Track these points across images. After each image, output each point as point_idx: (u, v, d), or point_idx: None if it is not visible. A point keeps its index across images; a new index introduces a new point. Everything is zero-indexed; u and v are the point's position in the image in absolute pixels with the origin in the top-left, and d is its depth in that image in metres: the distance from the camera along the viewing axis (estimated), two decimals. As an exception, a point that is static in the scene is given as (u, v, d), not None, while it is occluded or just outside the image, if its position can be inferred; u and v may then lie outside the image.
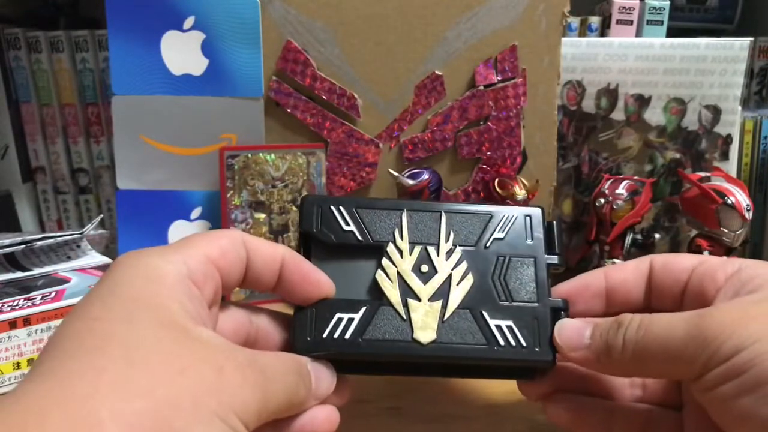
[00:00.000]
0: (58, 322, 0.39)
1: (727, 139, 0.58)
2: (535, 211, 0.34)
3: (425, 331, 0.30)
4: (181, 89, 0.50)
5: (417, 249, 0.32)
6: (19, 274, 0.44)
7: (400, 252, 0.32)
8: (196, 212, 0.52)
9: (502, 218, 0.33)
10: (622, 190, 0.53)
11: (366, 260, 0.32)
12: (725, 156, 0.59)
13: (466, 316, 0.31)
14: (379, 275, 0.31)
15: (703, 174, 0.53)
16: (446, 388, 0.38)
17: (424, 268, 0.31)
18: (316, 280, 0.30)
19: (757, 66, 0.71)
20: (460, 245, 0.32)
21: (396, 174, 0.49)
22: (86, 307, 0.23)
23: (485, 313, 0.31)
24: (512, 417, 0.36)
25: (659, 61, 0.57)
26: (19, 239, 0.44)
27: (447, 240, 0.32)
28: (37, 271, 0.45)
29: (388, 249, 0.32)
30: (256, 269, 0.29)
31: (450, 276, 0.31)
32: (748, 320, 0.24)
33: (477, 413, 0.36)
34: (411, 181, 0.48)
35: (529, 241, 0.33)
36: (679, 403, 0.31)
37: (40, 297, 0.40)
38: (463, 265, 0.32)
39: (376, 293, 0.31)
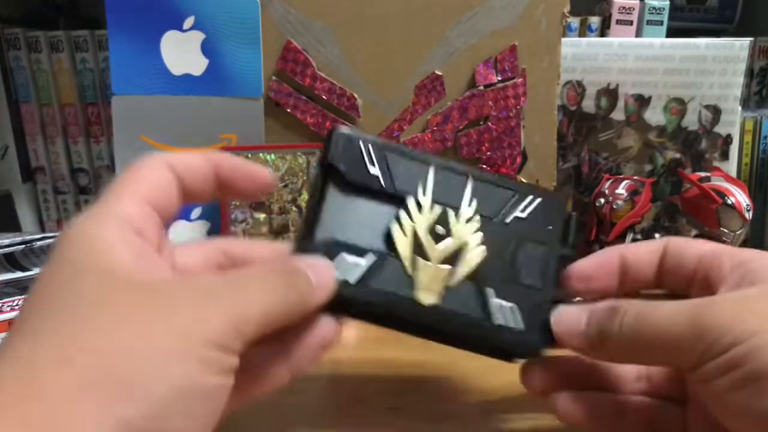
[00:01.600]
0: (58, 322, 0.38)
1: (727, 139, 0.58)
2: (560, 200, 0.33)
3: (428, 294, 0.29)
4: (181, 89, 0.50)
5: (438, 208, 0.31)
6: (19, 274, 0.44)
7: (420, 207, 0.31)
8: (196, 212, 0.52)
9: (527, 200, 0.32)
10: (622, 190, 0.53)
11: (384, 207, 0.31)
12: (725, 156, 0.59)
13: (470, 288, 0.30)
14: (394, 227, 0.30)
15: (703, 174, 0.53)
16: (446, 388, 0.38)
17: (440, 230, 0.31)
18: (257, 170, 0.29)
19: (757, 66, 0.71)
20: (480, 215, 0.31)
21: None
22: (33, 286, 0.23)
23: (489, 290, 0.30)
24: (512, 417, 0.36)
25: (659, 61, 0.57)
26: (19, 239, 0.44)
27: (469, 205, 0.31)
28: (37, 271, 0.45)
29: (409, 202, 0.31)
30: (189, 184, 0.28)
31: (464, 243, 0.31)
32: (747, 314, 0.24)
33: (476, 413, 0.36)
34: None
35: (547, 228, 0.33)
36: (684, 397, 0.31)
37: (40, 297, 0.39)
38: (479, 236, 0.31)
39: (387, 244, 0.30)
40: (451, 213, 0.31)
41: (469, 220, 0.31)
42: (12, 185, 0.64)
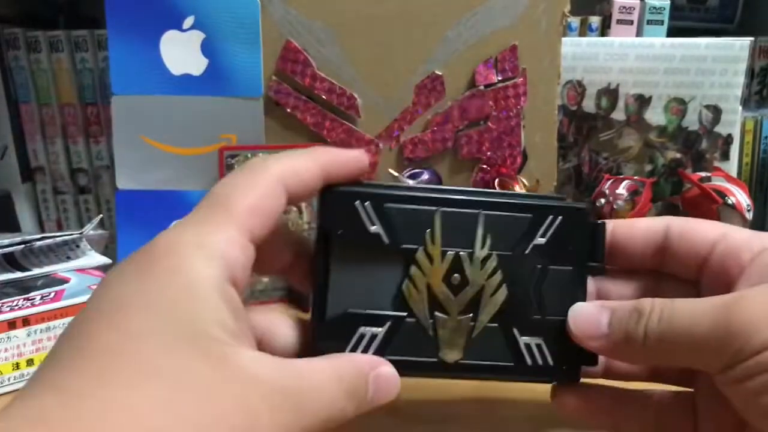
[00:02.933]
0: (57, 322, 0.38)
1: (728, 139, 0.58)
2: (582, 212, 0.30)
3: (451, 350, 0.29)
4: (181, 89, 0.50)
5: (449, 255, 0.29)
6: (19, 275, 0.44)
7: (431, 259, 0.29)
8: (196, 212, 0.52)
9: (547, 222, 0.30)
10: (622, 190, 0.53)
11: (393, 265, 0.29)
12: (726, 156, 0.58)
13: (496, 333, 0.29)
14: (407, 286, 0.29)
15: (703, 174, 0.53)
16: (446, 388, 0.38)
17: (456, 278, 0.29)
18: (355, 159, 0.29)
19: (757, 66, 0.71)
20: (497, 252, 0.29)
21: (396, 174, 0.49)
22: (108, 313, 0.20)
23: (516, 330, 0.29)
24: (513, 417, 0.35)
25: (660, 61, 0.57)
26: (18, 239, 0.44)
27: (483, 246, 0.29)
28: (36, 271, 0.44)
29: (418, 255, 0.29)
30: (294, 196, 0.25)
31: (483, 287, 0.29)
32: None
33: (477, 413, 0.36)
34: (411, 182, 0.48)
35: (570, 248, 0.30)
36: (692, 378, 0.30)
37: (39, 297, 0.39)
38: (498, 276, 0.29)
39: (402, 305, 0.29)
40: (465, 257, 0.29)
41: (485, 262, 0.29)
42: (11, 185, 0.64)
